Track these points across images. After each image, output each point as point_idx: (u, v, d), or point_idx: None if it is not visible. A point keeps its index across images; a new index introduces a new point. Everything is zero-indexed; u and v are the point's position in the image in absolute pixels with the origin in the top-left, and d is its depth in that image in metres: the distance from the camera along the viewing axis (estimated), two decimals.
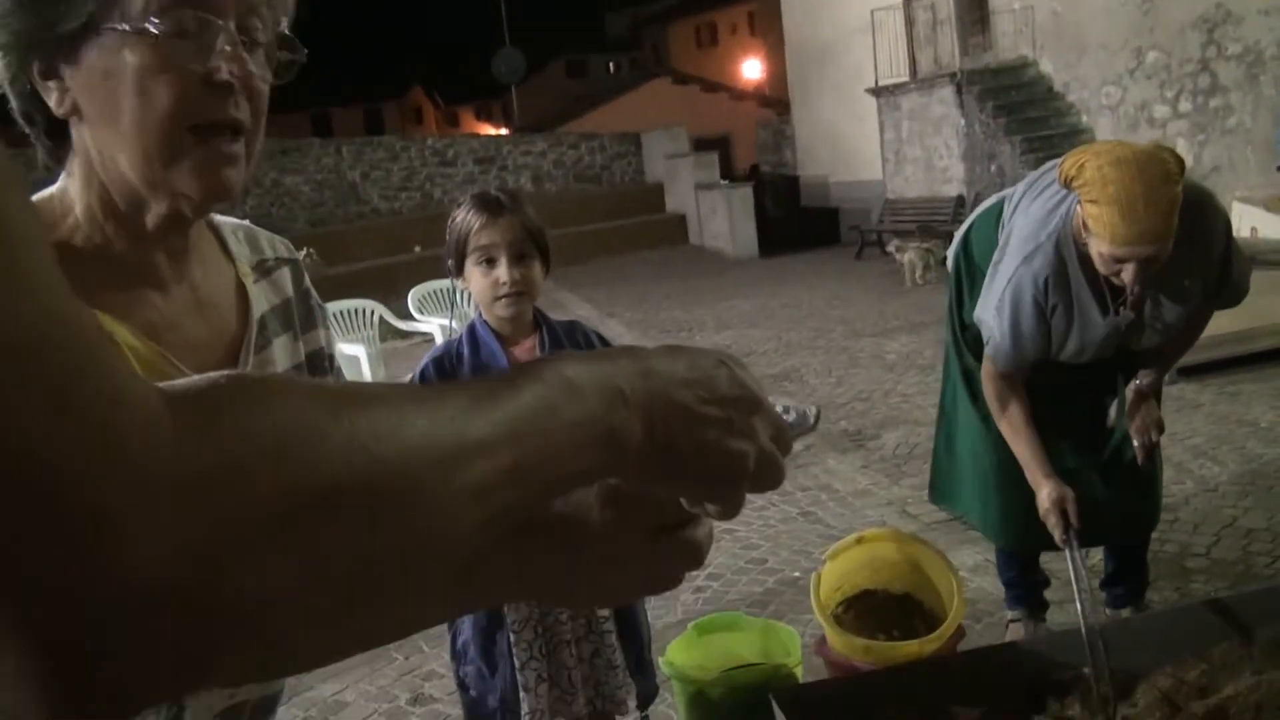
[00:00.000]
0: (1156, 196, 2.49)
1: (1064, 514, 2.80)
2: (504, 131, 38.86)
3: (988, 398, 3.10)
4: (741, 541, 4.95)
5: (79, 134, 0.98)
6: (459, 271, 2.36)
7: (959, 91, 15.35)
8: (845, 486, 5.57)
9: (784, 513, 5.29)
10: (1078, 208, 2.68)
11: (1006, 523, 3.34)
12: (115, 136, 0.95)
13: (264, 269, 1.20)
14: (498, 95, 50.01)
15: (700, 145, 23.27)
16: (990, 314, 2.97)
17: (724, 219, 18.85)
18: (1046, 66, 15.19)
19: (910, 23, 17.61)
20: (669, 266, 17.74)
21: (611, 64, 53.28)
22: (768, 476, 0.63)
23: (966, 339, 3.35)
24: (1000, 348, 2.95)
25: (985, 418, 3.24)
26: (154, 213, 0.99)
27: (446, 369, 2.37)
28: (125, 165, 0.96)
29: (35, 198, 0.96)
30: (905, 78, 17.19)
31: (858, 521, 4.98)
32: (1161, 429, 3.17)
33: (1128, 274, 2.59)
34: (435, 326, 7.91)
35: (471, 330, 2.43)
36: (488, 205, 2.32)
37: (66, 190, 1.01)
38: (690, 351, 0.63)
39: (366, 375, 7.07)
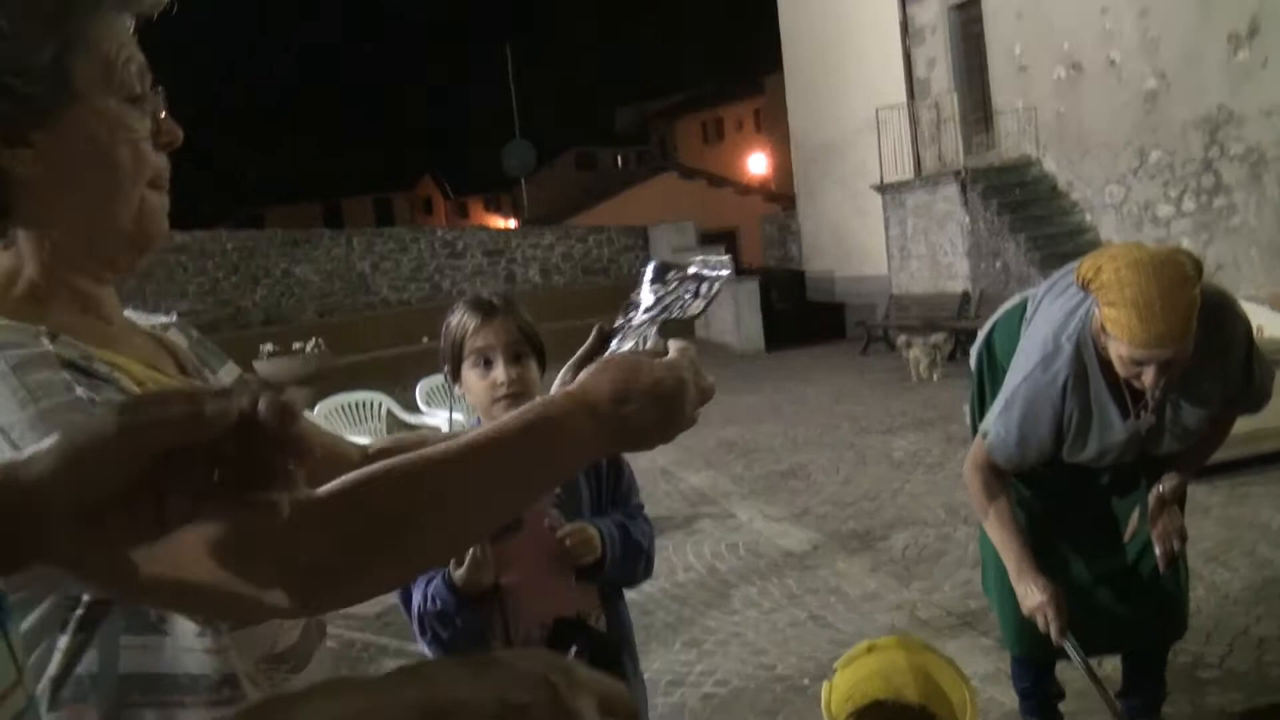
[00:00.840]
0: (1174, 299, 2.49)
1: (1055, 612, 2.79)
2: (513, 223, 39.31)
3: (971, 488, 3.05)
4: (750, 646, 4.88)
5: (30, 196, 0.99)
6: (455, 377, 2.36)
7: (963, 189, 15.51)
8: (854, 589, 5.50)
9: (792, 616, 5.22)
10: (1096, 310, 2.68)
11: (1016, 625, 3.28)
12: (92, 193, 1.02)
13: (162, 328, 1.25)
14: (507, 187, 50.68)
15: (707, 239, 23.50)
16: (998, 408, 2.95)
17: (730, 313, 18.93)
18: (1050, 165, 15.37)
19: (915, 121, 17.87)
20: None
21: (620, 157, 54.03)
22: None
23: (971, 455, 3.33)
24: (1004, 444, 2.91)
25: None
26: (125, 258, 1.09)
27: None
28: (97, 218, 1.03)
29: None
30: (910, 175, 17.40)
31: (867, 626, 4.90)
32: (1184, 537, 3.11)
33: (1147, 376, 2.58)
34: (442, 420, 7.89)
35: None
36: (481, 307, 2.33)
37: (16, 250, 1.04)
38: (506, 674, 0.59)
39: None
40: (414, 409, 8.97)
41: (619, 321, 1.25)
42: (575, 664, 0.63)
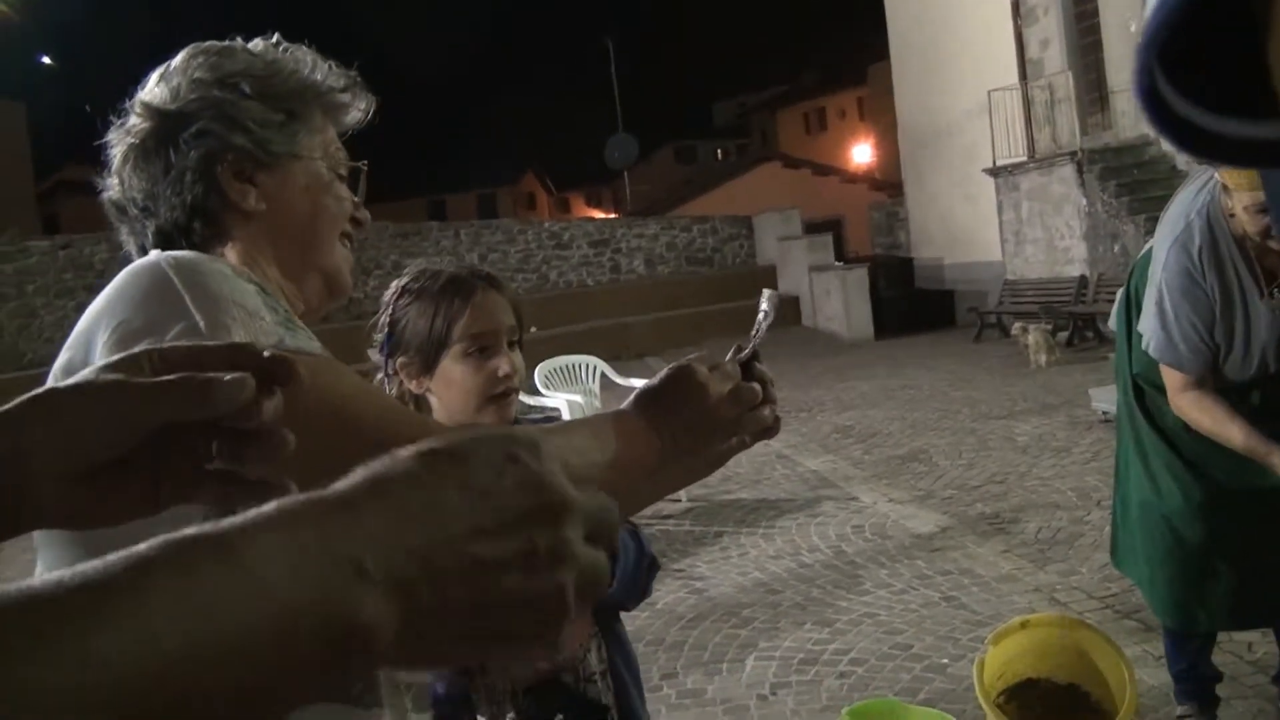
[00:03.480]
0: None
1: None
2: (614, 215, 39.42)
3: (1183, 407, 2.94)
4: (884, 626, 4.82)
5: (247, 226, 1.20)
6: (427, 369, 1.87)
7: (1080, 171, 15.13)
8: (988, 571, 5.39)
9: (925, 597, 5.14)
10: (1219, 182, 2.62)
11: (1174, 598, 3.18)
12: (298, 233, 1.23)
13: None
14: (607, 181, 50.86)
15: (813, 228, 23.27)
16: (1149, 309, 2.90)
17: (838, 301, 18.77)
18: (1168, 145, 14.85)
19: (1028, 102, 17.48)
20: (783, 348, 17.66)
21: (720, 150, 53.90)
22: (590, 592, 0.50)
23: (1140, 399, 3.22)
24: (1163, 342, 2.86)
25: (1157, 486, 3.12)
26: (317, 297, 1.28)
27: None
28: (301, 254, 1.24)
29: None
30: (1023, 158, 17.02)
31: (1004, 608, 4.80)
32: None
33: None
34: (562, 401, 7.95)
35: None
36: (472, 284, 1.89)
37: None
38: (466, 459, 0.48)
39: None
40: (534, 392, 9.08)
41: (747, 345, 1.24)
42: (537, 437, 0.53)
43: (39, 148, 35.62)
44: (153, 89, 1.19)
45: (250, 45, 1.24)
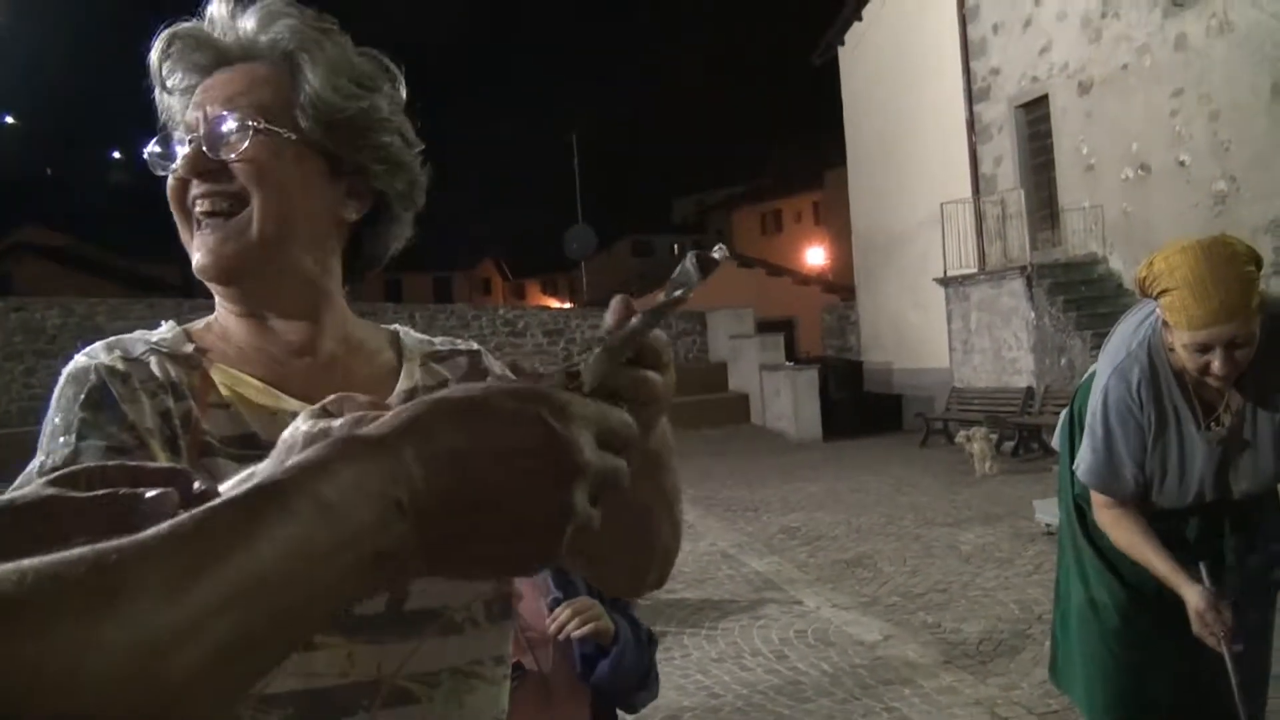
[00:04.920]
0: (1224, 274, 2.48)
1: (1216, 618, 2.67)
2: (568, 305, 39.58)
3: (1106, 525, 2.94)
4: None
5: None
6: None
7: (1029, 284, 15.43)
8: (929, 682, 5.36)
9: (866, 707, 5.09)
10: (1159, 314, 2.66)
11: (1112, 713, 3.17)
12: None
13: (435, 357, 1.31)
14: (565, 269, 51.13)
15: (765, 327, 23.50)
16: (1085, 435, 2.90)
17: (788, 400, 18.88)
18: (1116, 264, 15.29)
19: (980, 216, 17.88)
20: (731, 445, 17.70)
21: (676, 246, 54.47)
22: (608, 484, 0.59)
23: (1081, 520, 3.24)
24: (1096, 467, 2.85)
25: (1096, 607, 3.11)
26: (216, 293, 1.20)
27: None
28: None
29: None
30: (974, 269, 17.35)
31: None
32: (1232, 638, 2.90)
33: (1216, 363, 2.54)
34: None
35: None
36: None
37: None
38: (497, 415, 0.56)
39: None
40: None
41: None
42: (570, 396, 0.60)
43: None
44: None
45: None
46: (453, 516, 0.54)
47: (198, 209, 1.13)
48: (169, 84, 1.16)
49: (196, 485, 0.69)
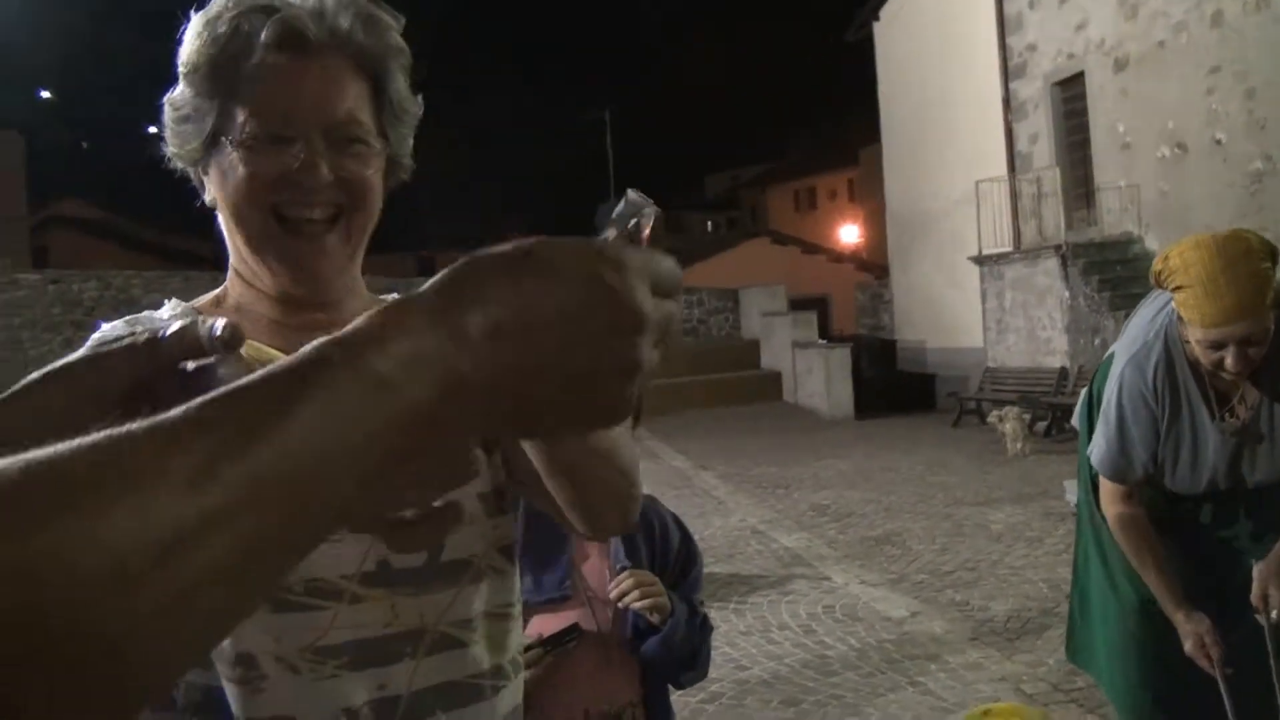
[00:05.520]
0: (1238, 271, 2.50)
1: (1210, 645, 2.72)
2: None
3: (1111, 523, 2.99)
4: (850, 709, 4.84)
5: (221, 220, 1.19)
6: None
7: (1064, 264, 15.35)
8: (955, 658, 5.42)
9: (893, 681, 5.16)
10: (1174, 307, 2.68)
11: (1132, 697, 3.21)
12: (231, 223, 1.15)
13: None
14: None
15: (798, 304, 23.49)
16: (1099, 421, 2.93)
17: (820, 378, 18.88)
18: (1152, 243, 15.15)
19: (1015, 195, 17.78)
20: (763, 422, 17.74)
21: (710, 222, 54.34)
22: (665, 340, 0.57)
23: (1099, 497, 3.27)
24: (1108, 454, 2.88)
25: (1114, 584, 3.15)
26: (268, 283, 1.18)
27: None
28: (238, 240, 1.16)
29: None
30: (1009, 248, 17.27)
31: (970, 695, 4.83)
32: None
33: (1229, 360, 2.56)
34: None
35: None
36: None
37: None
38: (556, 273, 0.52)
39: None
40: None
41: None
42: (620, 247, 0.56)
43: (34, 180, 35.70)
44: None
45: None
46: (518, 382, 0.51)
47: (293, 213, 1.13)
48: (242, 62, 1.09)
49: (214, 325, 0.68)
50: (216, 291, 1.25)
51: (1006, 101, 18.31)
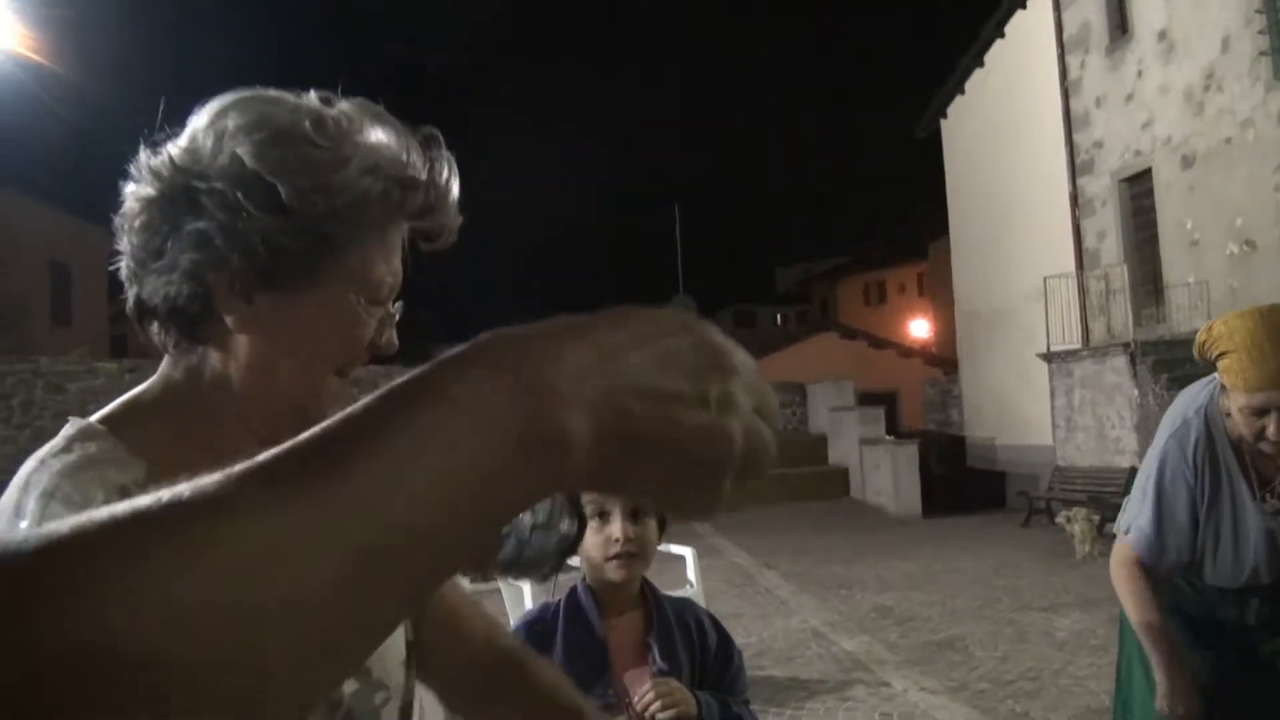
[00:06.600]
0: None
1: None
2: None
3: (1118, 587, 2.96)
4: None
5: (231, 341, 1.05)
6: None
7: (1132, 361, 15.19)
8: None
9: None
10: (1218, 377, 2.70)
11: None
12: (298, 356, 1.05)
13: None
14: None
15: (866, 399, 23.41)
16: (1136, 496, 2.92)
17: (888, 475, 18.74)
18: None
19: (1083, 291, 17.70)
20: (829, 519, 17.61)
21: (779, 316, 54.51)
22: (756, 458, 0.53)
23: (1113, 556, 3.26)
24: (1143, 531, 2.86)
25: (1155, 691, 3.14)
26: (283, 423, 1.04)
27: (537, 635, 2.18)
28: (292, 377, 1.05)
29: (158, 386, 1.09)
30: (1078, 345, 17.15)
31: None
32: None
33: (1272, 428, 2.56)
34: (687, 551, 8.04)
35: (572, 596, 2.24)
36: None
37: (200, 371, 1.08)
38: (654, 319, 0.53)
39: None
40: None
41: None
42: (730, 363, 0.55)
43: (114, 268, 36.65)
44: (185, 145, 1.01)
45: (315, 112, 1.02)
46: (618, 410, 0.49)
47: (348, 374, 1.10)
48: (408, 226, 1.09)
49: None
50: (128, 398, 1.08)
51: (1074, 198, 18.33)
